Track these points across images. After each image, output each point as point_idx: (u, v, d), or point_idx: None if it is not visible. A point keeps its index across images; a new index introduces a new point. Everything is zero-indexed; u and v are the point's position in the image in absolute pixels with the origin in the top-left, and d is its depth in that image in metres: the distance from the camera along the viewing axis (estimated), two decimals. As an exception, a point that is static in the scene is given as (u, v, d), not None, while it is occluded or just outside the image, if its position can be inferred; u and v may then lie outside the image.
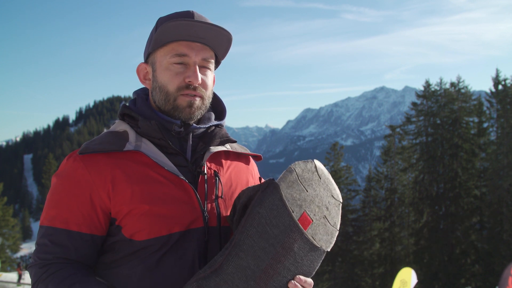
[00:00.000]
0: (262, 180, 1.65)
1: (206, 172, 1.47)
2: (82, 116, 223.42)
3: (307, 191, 1.37)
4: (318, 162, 1.42)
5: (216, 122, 1.56)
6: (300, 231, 1.33)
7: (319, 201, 1.39)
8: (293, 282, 1.33)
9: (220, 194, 1.47)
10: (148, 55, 1.49)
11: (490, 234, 27.78)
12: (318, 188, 1.40)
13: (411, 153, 32.85)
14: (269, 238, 1.29)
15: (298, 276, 1.34)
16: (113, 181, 1.35)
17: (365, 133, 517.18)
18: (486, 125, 30.94)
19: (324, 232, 1.40)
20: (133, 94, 1.60)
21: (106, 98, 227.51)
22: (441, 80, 32.75)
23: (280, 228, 1.30)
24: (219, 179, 1.48)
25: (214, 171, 1.49)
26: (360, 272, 32.50)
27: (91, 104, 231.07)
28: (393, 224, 32.15)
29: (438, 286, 28.57)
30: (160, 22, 1.45)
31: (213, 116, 1.59)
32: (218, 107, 1.64)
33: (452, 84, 32.38)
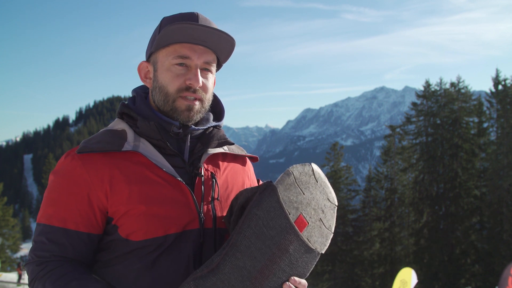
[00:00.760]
0: (260, 182, 1.67)
1: (203, 174, 1.47)
2: (82, 116, 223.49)
3: (304, 194, 1.38)
4: (315, 166, 1.43)
5: (214, 123, 1.57)
6: (296, 233, 1.34)
7: (315, 204, 1.41)
8: (287, 283, 1.34)
9: (216, 196, 1.48)
10: (150, 54, 1.49)
11: (490, 234, 27.77)
12: (314, 191, 1.41)
13: (411, 153, 32.84)
14: (265, 240, 1.30)
15: (292, 277, 1.35)
16: (111, 181, 1.36)
17: (365, 133, 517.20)
18: (486, 125, 30.92)
19: (319, 234, 1.41)
20: (132, 92, 1.59)
21: (106, 98, 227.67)
22: (441, 80, 32.75)
23: (276, 229, 1.32)
24: (216, 181, 1.49)
25: (211, 173, 1.50)
26: (360, 272, 32.49)
27: (91, 104, 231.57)
28: (393, 224, 32.14)
29: (438, 286, 28.57)
30: (164, 23, 1.45)
31: (211, 117, 1.59)
32: (216, 108, 1.64)
33: (452, 84, 32.37)
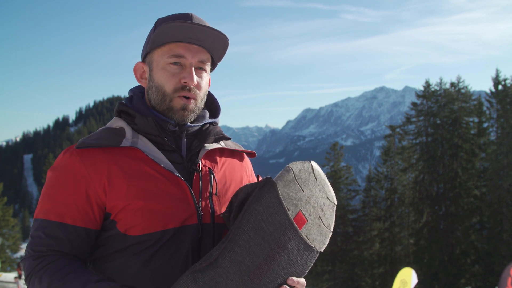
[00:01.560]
0: (260, 178, 1.66)
1: (201, 169, 1.48)
2: (82, 116, 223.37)
3: (303, 191, 1.38)
4: (315, 163, 1.43)
5: (210, 120, 1.59)
6: (295, 230, 1.34)
7: (315, 201, 1.41)
8: (285, 286, 1.34)
9: (214, 192, 1.49)
10: (145, 55, 1.51)
11: (490, 234, 27.78)
12: (314, 189, 1.41)
13: (411, 153, 32.84)
14: (264, 235, 1.30)
15: (290, 277, 1.35)
16: (109, 176, 1.37)
17: (365, 133, 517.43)
18: (486, 125, 30.92)
19: (318, 232, 1.41)
20: (128, 92, 1.62)
21: (106, 98, 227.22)
22: (441, 80, 32.74)
23: (275, 225, 1.31)
24: (214, 177, 1.50)
25: (209, 169, 1.51)
26: (360, 272, 32.50)
27: (91, 104, 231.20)
28: (393, 224, 32.15)
29: (438, 286, 28.58)
30: (158, 23, 1.48)
31: (207, 114, 1.61)
32: (212, 105, 1.66)
33: (452, 84, 32.36)
